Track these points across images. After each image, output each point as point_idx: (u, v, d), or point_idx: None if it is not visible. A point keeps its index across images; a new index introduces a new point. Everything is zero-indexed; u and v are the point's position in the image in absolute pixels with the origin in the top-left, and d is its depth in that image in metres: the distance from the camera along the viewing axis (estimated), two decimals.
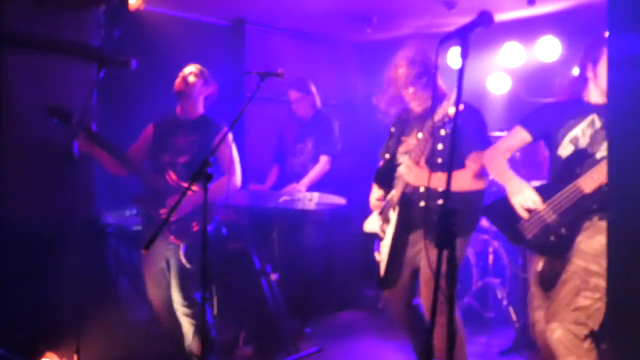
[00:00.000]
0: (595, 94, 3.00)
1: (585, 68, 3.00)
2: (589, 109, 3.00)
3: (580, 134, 2.98)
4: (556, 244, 2.94)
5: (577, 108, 3.03)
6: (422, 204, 3.33)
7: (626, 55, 1.57)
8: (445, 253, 2.02)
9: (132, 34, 4.71)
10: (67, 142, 3.31)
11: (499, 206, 3.14)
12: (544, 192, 2.98)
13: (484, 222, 5.22)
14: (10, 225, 3.79)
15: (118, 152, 3.70)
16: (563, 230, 2.93)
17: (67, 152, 3.28)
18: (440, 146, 3.26)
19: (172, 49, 5.13)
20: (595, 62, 2.94)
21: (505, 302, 4.99)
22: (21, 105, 3.92)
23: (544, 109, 3.19)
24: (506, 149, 3.22)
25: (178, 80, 3.87)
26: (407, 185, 3.35)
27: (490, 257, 5.16)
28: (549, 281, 2.96)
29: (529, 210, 2.98)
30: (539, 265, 3.05)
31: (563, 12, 5.35)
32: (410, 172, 3.28)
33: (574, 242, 2.90)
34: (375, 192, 3.66)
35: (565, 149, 3.01)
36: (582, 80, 3.04)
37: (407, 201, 3.36)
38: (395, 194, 3.43)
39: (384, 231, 3.54)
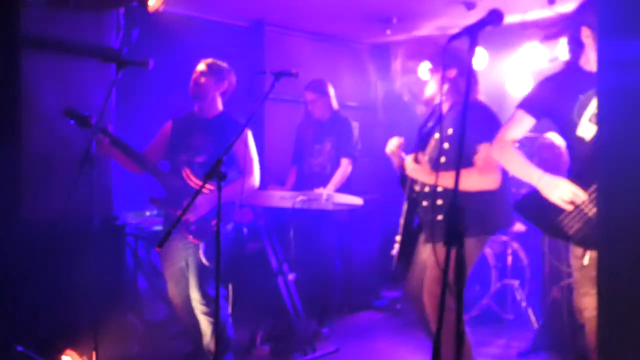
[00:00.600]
0: (593, 60, 2.76)
1: (580, 32, 2.76)
2: (592, 79, 2.72)
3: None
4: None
5: (581, 80, 2.78)
6: (424, 203, 3.31)
7: (616, 60, 1.56)
8: (453, 251, 1.99)
9: (151, 35, 4.77)
10: (86, 143, 3.36)
11: (530, 201, 2.94)
12: (580, 182, 2.77)
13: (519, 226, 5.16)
14: (30, 225, 3.85)
15: (135, 153, 3.73)
16: None
17: (86, 153, 3.32)
18: (446, 145, 3.18)
19: (191, 49, 5.17)
20: (593, 26, 2.70)
21: (524, 304, 4.95)
22: (41, 106, 3.99)
23: (542, 84, 2.96)
24: (512, 138, 2.99)
25: (191, 83, 3.87)
26: (414, 182, 3.36)
27: (509, 259, 5.12)
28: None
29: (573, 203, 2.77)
30: (585, 258, 2.84)
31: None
32: (412, 169, 3.28)
33: None
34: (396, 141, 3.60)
35: (586, 130, 2.76)
36: (579, 45, 2.80)
37: (414, 199, 3.37)
38: (406, 189, 3.45)
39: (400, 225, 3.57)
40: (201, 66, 3.90)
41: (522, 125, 2.96)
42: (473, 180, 3.16)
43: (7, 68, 3.88)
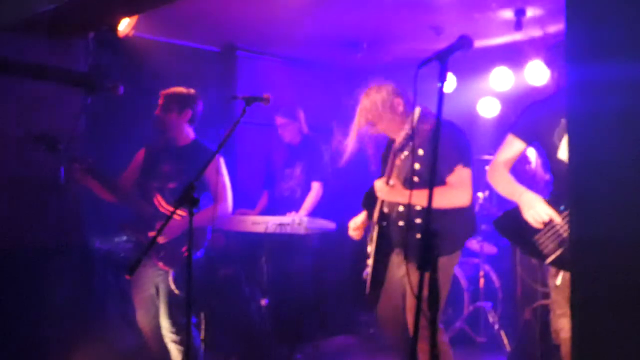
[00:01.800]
0: None
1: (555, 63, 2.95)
2: None
3: None
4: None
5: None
6: (400, 223, 3.30)
7: (584, 82, 1.59)
8: (426, 275, 2.00)
9: (122, 60, 4.74)
10: (54, 169, 3.31)
11: (509, 218, 3.02)
12: (559, 203, 2.85)
13: (474, 245, 5.23)
14: None
15: (106, 179, 3.69)
16: None
17: (54, 179, 3.27)
18: (417, 165, 3.13)
19: (162, 74, 5.16)
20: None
21: (497, 326, 4.96)
22: (9, 131, 3.93)
23: (529, 108, 3.07)
24: (504, 161, 3.09)
25: (154, 117, 3.84)
26: (383, 204, 3.36)
27: (482, 281, 5.14)
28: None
29: (545, 224, 2.86)
30: (558, 279, 2.92)
31: (550, 36, 5.40)
32: (381, 190, 3.28)
33: None
34: (359, 217, 3.62)
35: (566, 153, 2.82)
36: (561, 73, 2.95)
37: (386, 220, 3.37)
38: (375, 214, 3.43)
39: (369, 251, 3.55)
40: (161, 100, 3.86)
41: (513, 149, 3.07)
42: (449, 197, 3.20)
43: None
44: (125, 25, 4.40)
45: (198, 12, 4.83)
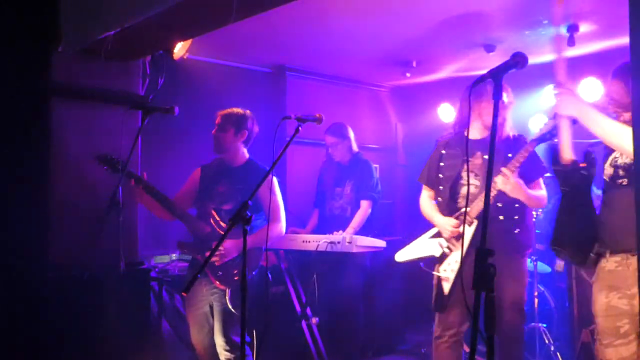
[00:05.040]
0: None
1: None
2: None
3: (618, 154, 2.90)
4: None
5: None
6: (501, 217, 3.54)
7: None
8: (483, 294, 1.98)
9: (176, 82, 4.87)
10: (112, 189, 3.40)
11: (563, 234, 3.02)
12: None
13: (528, 264, 5.12)
14: (56, 270, 3.88)
15: (164, 198, 3.75)
16: None
17: (113, 198, 3.36)
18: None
19: (215, 95, 5.27)
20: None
21: (552, 348, 4.85)
22: (69, 153, 4.06)
23: None
24: None
25: (212, 138, 3.89)
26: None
27: (536, 301, 5.03)
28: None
29: None
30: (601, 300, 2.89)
31: (604, 52, 5.31)
32: (507, 182, 3.38)
33: None
34: (444, 218, 3.72)
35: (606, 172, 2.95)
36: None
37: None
38: (472, 209, 3.52)
39: (450, 248, 3.65)
40: (218, 119, 3.91)
41: None
42: (537, 200, 3.58)
43: (37, 116, 3.97)
44: (179, 49, 4.53)
45: (249, 35, 4.93)
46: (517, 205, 3.54)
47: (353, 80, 6.71)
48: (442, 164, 3.77)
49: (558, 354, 4.79)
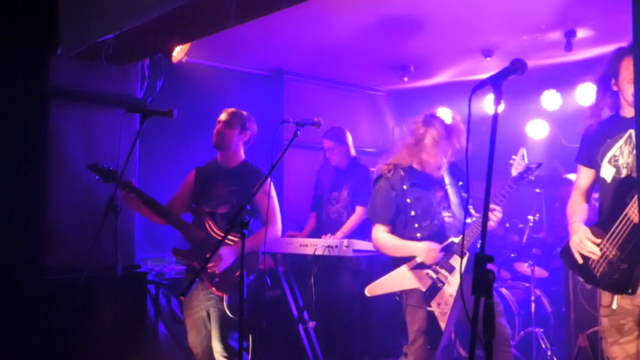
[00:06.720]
0: (627, 107, 2.93)
1: (610, 82, 2.96)
2: (625, 124, 2.91)
3: (618, 152, 2.90)
4: (620, 280, 2.82)
5: (614, 125, 2.96)
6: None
7: None
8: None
9: (175, 85, 4.86)
10: (111, 192, 3.39)
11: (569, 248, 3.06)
12: (604, 226, 2.89)
13: (525, 269, 5.14)
14: (54, 273, 3.88)
15: (158, 207, 3.72)
16: (624, 266, 2.80)
17: (110, 201, 3.35)
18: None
19: (213, 98, 5.27)
20: (617, 76, 2.91)
21: (549, 353, 4.85)
22: (67, 156, 4.06)
23: (585, 133, 3.13)
24: (579, 190, 3.18)
25: (214, 134, 3.86)
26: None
27: (533, 306, 5.04)
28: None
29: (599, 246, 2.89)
30: (614, 304, 2.88)
31: (601, 58, 5.33)
32: (498, 217, 3.42)
33: (633, 276, 2.78)
34: (422, 243, 3.48)
35: (606, 171, 2.94)
36: (613, 95, 2.98)
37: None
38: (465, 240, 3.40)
39: (441, 280, 3.44)
40: (223, 116, 3.88)
41: (582, 177, 3.16)
42: None
43: (35, 118, 3.97)
44: (178, 52, 4.53)
45: (247, 39, 4.93)
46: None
47: (351, 84, 6.72)
48: (408, 200, 3.55)
49: (555, 358, 4.79)
